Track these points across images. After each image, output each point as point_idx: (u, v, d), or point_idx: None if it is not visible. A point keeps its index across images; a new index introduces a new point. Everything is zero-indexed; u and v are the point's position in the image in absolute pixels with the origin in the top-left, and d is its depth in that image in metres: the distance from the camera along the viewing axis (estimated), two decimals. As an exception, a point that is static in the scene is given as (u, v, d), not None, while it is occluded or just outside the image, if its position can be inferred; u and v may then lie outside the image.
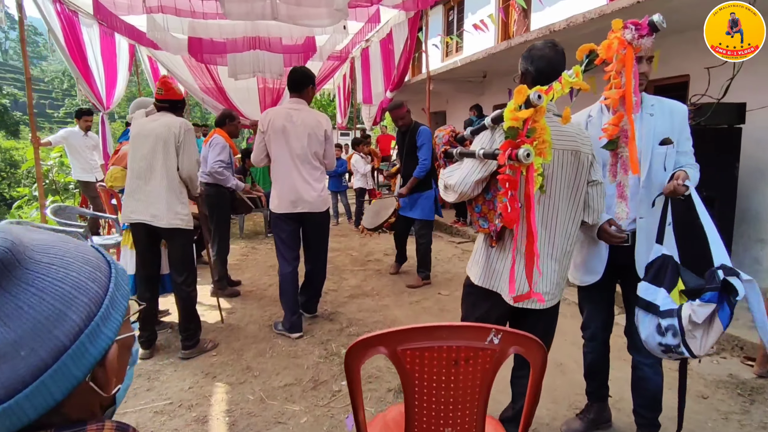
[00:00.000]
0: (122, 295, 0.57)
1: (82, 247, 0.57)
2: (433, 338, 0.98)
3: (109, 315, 0.53)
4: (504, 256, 1.63)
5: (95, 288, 0.53)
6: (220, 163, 3.81)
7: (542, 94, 1.34)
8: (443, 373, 0.99)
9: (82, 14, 5.46)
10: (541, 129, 1.36)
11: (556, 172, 1.57)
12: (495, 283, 1.65)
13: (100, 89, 5.92)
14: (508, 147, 1.36)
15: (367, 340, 0.99)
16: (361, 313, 3.62)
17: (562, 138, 1.57)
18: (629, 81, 1.39)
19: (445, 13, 10.14)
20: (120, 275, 0.59)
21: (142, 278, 2.89)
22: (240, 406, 2.36)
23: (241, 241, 6.41)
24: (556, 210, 1.60)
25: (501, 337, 0.98)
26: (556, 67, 1.58)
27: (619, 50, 1.39)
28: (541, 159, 1.37)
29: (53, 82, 35.63)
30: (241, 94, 8.38)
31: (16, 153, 17.71)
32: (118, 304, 0.55)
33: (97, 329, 0.51)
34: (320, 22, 4.99)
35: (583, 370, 2.31)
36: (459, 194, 1.62)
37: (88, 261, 0.55)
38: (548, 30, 4.33)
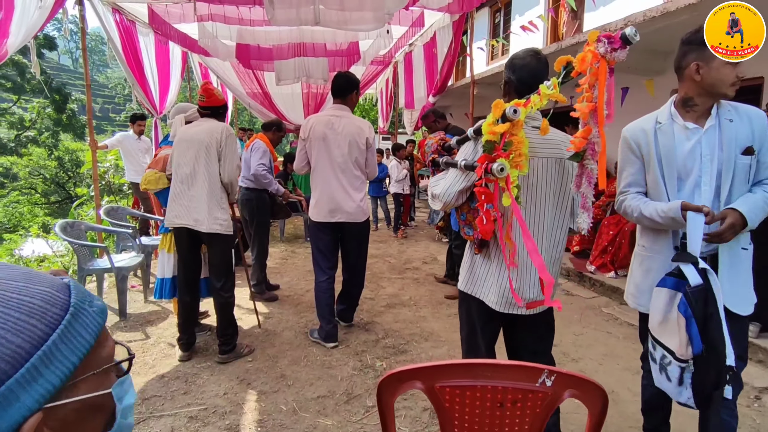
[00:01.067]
0: (74, 348, 0.44)
1: (31, 288, 0.44)
2: (475, 376, 0.87)
3: (35, 377, 0.41)
4: (487, 263, 1.68)
5: (18, 342, 0.41)
6: (263, 166, 3.84)
7: (518, 108, 1.36)
8: (487, 416, 0.88)
9: (139, 24, 5.73)
10: (518, 142, 1.40)
11: (541, 180, 1.60)
12: (477, 289, 1.71)
13: (154, 95, 6.20)
14: (484, 161, 1.41)
15: (402, 374, 0.89)
16: (397, 324, 3.52)
17: (546, 147, 1.59)
18: (601, 94, 1.38)
19: (491, 15, 9.89)
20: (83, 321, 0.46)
21: (182, 282, 2.94)
22: (272, 417, 2.33)
23: (281, 245, 6.50)
24: (542, 218, 1.63)
25: (554, 378, 0.86)
26: (538, 76, 1.58)
27: (593, 63, 1.38)
28: (517, 171, 1.41)
29: (116, 88, 38.22)
30: (285, 99, 8.55)
31: (81, 154, 19.11)
32: (59, 361, 0.43)
33: (10, 396, 0.39)
34: (364, 27, 4.97)
35: (640, 402, 2.11)
36: (444, 203, 1.67)
37: (23, 306, 0.42)
38: (603, 30, 4.07)
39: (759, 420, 2.28)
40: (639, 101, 5.16)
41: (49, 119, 21.57)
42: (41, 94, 20.49)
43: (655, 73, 4.82)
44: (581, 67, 1.40)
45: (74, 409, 0.45)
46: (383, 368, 2.82)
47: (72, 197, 17.69)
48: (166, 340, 3.25)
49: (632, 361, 2.91)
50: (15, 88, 20.13)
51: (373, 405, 2.41)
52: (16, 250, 9.84)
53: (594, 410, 0.89)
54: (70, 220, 3.87)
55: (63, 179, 20.39)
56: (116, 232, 4.43)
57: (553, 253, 1.70)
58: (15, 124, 21.29)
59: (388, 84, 9.87)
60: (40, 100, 21.03)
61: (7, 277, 0.45)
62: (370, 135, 3.08)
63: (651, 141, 1.69)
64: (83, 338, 0.46)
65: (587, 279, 4.46)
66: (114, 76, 41.34)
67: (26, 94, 21.04)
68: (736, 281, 1.57)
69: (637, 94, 5.14)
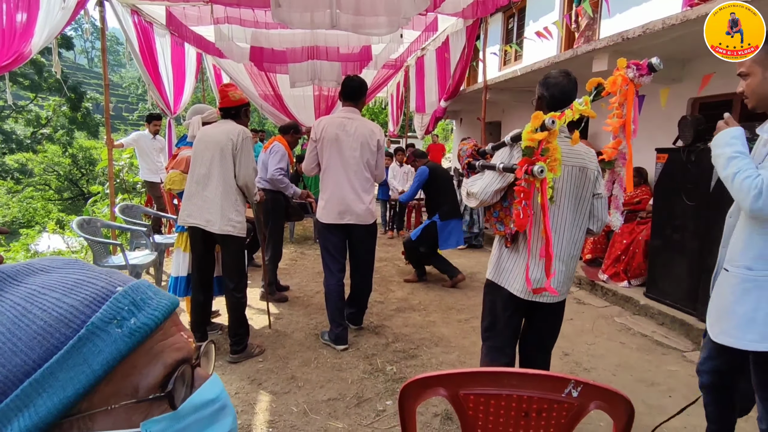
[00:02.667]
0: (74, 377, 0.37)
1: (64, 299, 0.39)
2: (501, 385, 0.86)
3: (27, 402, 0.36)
4: (515, 257, 1.90)
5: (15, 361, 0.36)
6: (280, 170, 3.86)
7: (555, 119, 1.56)
8: (511, 425, 0.87)
9: (157, 25, 5.81)
10: (553, 149, 1.59)
11: (565, 185, 1.83)
12: (503, 279, 1.93)
13: (169, 95, 6.27)
14: (524, 163, 1.61)
15: (426, 380, 0.89)
16: (407, 328, 3.51)
17: (572, 156, 1.82)
18: (629, 112, 1.61)
19: (504, 21, 9.88)
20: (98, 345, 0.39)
21: (196, 281, 2.96)
22: (284, 418, 2.33)
23: (291, 246, 6.52)
24: (564, 218, 1.85)
25: (581, 390, 0.85)
26: (568, 94, 1.82)
27: (623, 86, 1.60)
28: (552, 174, 1.60)
29: (130, 88, 38.73)
30: (297, 101, 8.61)
31: (95, 152, 19.38)
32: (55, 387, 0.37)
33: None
34: (379, 31, 4.99)
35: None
36: (480, 201, 1.89)
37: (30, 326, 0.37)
38: (620, 37, 4.04)
39: None
40: (655, 109, 5.12)
41: (64, 117, 21.93)
42: (57, 93, 20.84)
43: (672, 81, 4.78)
44: (612, 88, 1.62)
45: None
46: (393, 372, 2.81)
47: (85, 194, 17.96)
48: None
49: (645, 373, 2.87)
50: (32, 86, 20.49)
51: (384, 409, 2.41)
52: (32, 245, 9.99)
53: (620, 423, 0.88)
54: (87, 217, 3.93)
55: (76, 176, 20.68)
56: (131, 230, 4.48)
57: (572, 250, 1.90)
58: (31, 121, 21.67)
59: (399, 88, 9.89)
60: (56, 98, 21.39)
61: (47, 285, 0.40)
62: (381, 137, 3.12)
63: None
64: (88, 367, 0.38)
65: (599, 288, 4.42)
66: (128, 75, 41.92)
67: (43, 92, 21.40)
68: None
69: (653, 101, 5.09)
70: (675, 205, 3.67)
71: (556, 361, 3.02)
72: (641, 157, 5.14)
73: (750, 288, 1.46)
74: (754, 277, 1.45)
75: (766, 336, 1.43)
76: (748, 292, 1.46)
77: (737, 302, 1.48)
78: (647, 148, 4.79)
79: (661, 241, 3.87)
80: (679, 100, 4.84)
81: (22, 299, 0.39)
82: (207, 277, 2.98)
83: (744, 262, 1.48)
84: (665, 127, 4.84)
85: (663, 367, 2.95)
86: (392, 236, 7.30)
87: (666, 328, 3.60)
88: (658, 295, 3.84)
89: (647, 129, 5.29)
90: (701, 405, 2.41)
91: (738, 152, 1.48)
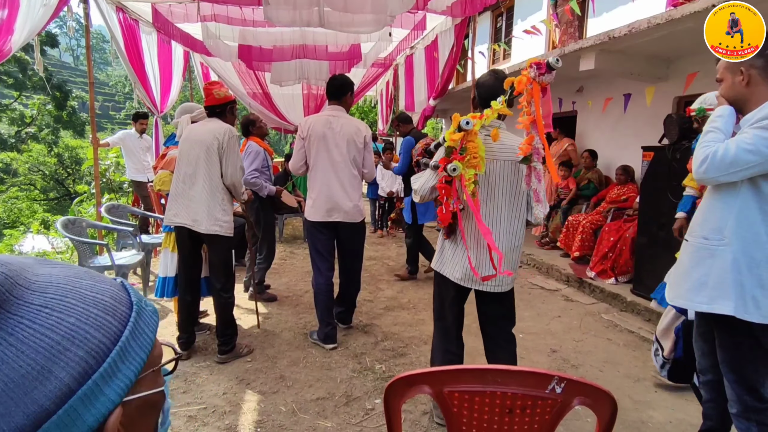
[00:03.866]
0: (141, 344, 0.46)
1: (99, 285, 0.46)
2: (485, 382, 0.86)
3: (115, 372, 0.43)
4: (453, 247, 2.05)
5: (99, 337, 0.42)
6: (253, 173, 3.80)
7: (471, 120, 1.72)
8: (495, 422, 0.87)
9: (142, 22, 5.73)
10: (473, 147, 1.72)
11: (498, 179, 1.94)
12: (444, 268, 2.09)
13: (155, 93, 6.19)
14: (443, 162, 1.77)
15: (410, 378, 0.89)
16: (396, 327, 3.51)
17: (503, 151, 1.93)
18: (537, 109, 1.74)
19: (493, 20, 9.91)
20: (145, 319, 0.48)
21: (183, 281, 2.93)
22: (272, 418, 2.31)
23: (280, 245, 6.48)
24: (501, 211, 1.97)
25: (564, 386, 0.85)
26: (495, 92, 1.92)
27: (527, 85, 1.74)
28: (473, 170, 1.74)
29: (117, 86, 38.16)
30: (286, 99, 8.56)
31: (81, 152, 19.07)
32: (132, 357, 0.45)
33: (96, 390, 0.41)
34: (367, 29, 4.97)
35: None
36: (420, 196, 2.05)
37: (99, 303, 0.44)
38: (607, 36, 4.08)
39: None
40: (641, 107, 5.18)
41: (49, 116, 21.51)
42: (42, 91, 20.45)
43: (658, 79, 4.83)
44: (519, 88, 1.77)
45: (138, 406, 0.46)
46: (382, 371, 2.81)
47: (71, 194, 17.64)
48: (164, 339, 3.24)
49: (632, 369, 2.90)
50: (16, 84, 20.08)
51: (372, 408, 2.40)
52: (16, 246, 9.80)
53: (603, 418, 0.89)
54: (72, 217, 3.86)
55: (62, 176, 20.33)
56: (117, 230, 4.41)
57: (512, 241, 2.02)
58: (16, 120, 21.22)
59: (389, 86, 9.88)
60: (41, 97, 20.98)
61: (77, 275, 0.46)
62: (368, 134, 3.12)
63: None
64: (147, 336, 0.47)
65: (587, 285, 4.46)
66: (115, 74, 41.30)
67: (27, 90, 20.98)
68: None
69: (640, 100, 5.15)
70: (661, 203, 3.72)
71: (544, 358, 3.04)
72: (628, 155, 5.21)
73: (704, 256, 1.59)
74: (707, 246, 1.58)
75: (713, 299, 1.55)
76: (702, 260, 1.59)
77: (693, 268, 1.61)
78: (634, 146, 4.85)
79: (647, 238, 3.92)
80: (664, 99, 4.90)
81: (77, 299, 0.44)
82: (194, 277, 2.95)
83: (702, 233, 1.62)
84: (651, 126, 4.90)
85: (650, 363, 2.98)
86: (382, 235, 7.30)
87: (652, 324, 3.64)
88: (645, 292, 3.88)
89: (633, 127, 5.36)
90: (690, 400, 2.46)
91: (714, 128, 1.59)
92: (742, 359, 1.58)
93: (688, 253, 1.65)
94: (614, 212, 4.82)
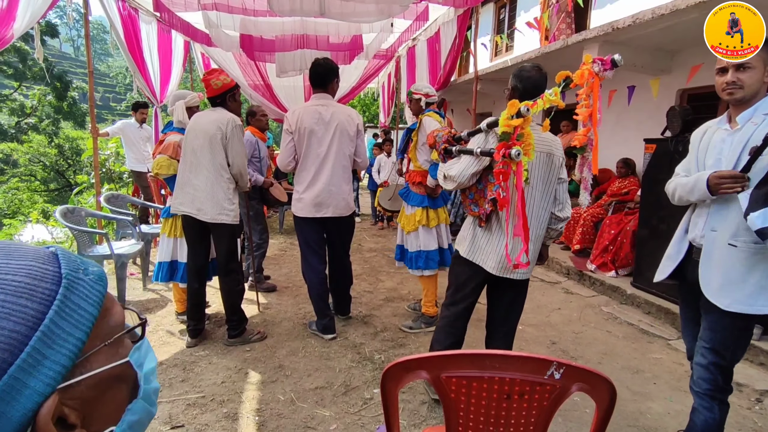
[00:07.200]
0: (76, 322, 0.40)
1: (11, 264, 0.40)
2: (483, 367, 0.85)
3: (39, 360, 0.37)
4: (488, 236, 2.04)
5: (10, 326, 0.37)
6: None
7: (529, 107, 1.70)
8: (493, 407, 0.86)
9: (142, 11, 5.68)
10: (527, 135, 1.74)
11: (534, 169, 1.98)
12: (478, 257, 2.07)
13: (155, 83, 6.15)
14: (502, 147, 1.74)
15: (407, 363, 0.88)
16: (395, 318, 3.51)
17: (540, 143, 1.96)
18: (596, 102, 1.78)
19: (495, 12, 9.83)
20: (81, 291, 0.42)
21: (191, 268, 2.93)
22: (270, 406, 2.32)
23: (280, 236, 6.48)
24: (532, 200, 2.00)
25: (563, 372, 0.84)
26: (539, 86, 1.97)
27: (589, 79, 1.76)
28: (526, 158, 1.74)
29: (117, 77, 38.01)
30: (287, 91, 8.50)
31: (82, 143, 19.02)
32: (62, 339, 0.39)
33: (16, 384, 0.36)
34: (367, 18, 4.92)
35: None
36: (458, 183, 2.02)
37: (7, 286, 0.38)
38: (610, 27, 4.03)
39: (761, 423, 2.27)
40: (645, 100, 5.13)
41: (49, 106, 21.43)
42: (42, 81, 20.36)
43: (662, 71, 4.79)
44: (579, 81, 1.77)
45: (92, 385, 0.42)
46: (381, 361, 2.81)
47: (71, 185, 17.62)
48: (164, 328, 3.24)
49: (631, 360, 2.90)
50: (16, 74, 19.97)
51: (371, 397, 2.41)
52: (16, 236, 9.81)
53: (602, 404, 0.88)
54: (71, 206, 3.85)
55: (63, 167, 20.29)
56: (116, 219, 4.41)
57: (538, 230, 2.06)
58: (16, 110, 21.14)
59: (390, 78, 9.81)
60: (41, 87, 20.89)
61: (19, 260, 0.41)
62: (360, 122, 3.00)
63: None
64: (84, 311, 0.42)
65: (587, 278, 4.45)
66: (115, 65, 41.15)
67: (27, 80, 20.88)
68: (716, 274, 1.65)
69: (643, 92, 5.11)
70: (662, 196, 3.66)
71: (543, 349, 3.04)
72: (630, 147, 5.18)
73: (759, 260, 1.56)
74: (761, 249, 1.56)
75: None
76: (757, 264, 1.57)
77: (749, 273, 1.58)
78: (636, 139, 4.82)
79: (648, 231, 3.90)
80: (667, 91, 4.86)
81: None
82: (202, 264, 2.95)
83: (752, 237, 1.57)
84: (654, 118, 4.86)
85: (648, 355, 2.98)
86: (382, 227, 7.29)
87: (652, 317, 3.64)
88: (645, 285, 3.88)
89: (636, 120, 5.32)
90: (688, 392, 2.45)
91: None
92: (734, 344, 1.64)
93: (739, 258, 1.59)
94: (615, 205, 4.80)
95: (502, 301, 2.19)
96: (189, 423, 2.17)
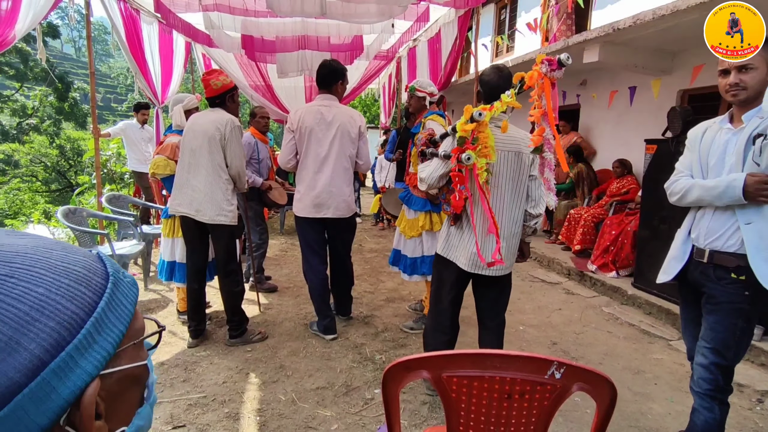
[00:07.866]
0: (119, 316, 0.45)
1: (71, 256, 0.44)
2: (484, 367, 0.86)
3: (91, 343, 0.41)
4: (460, 234, 2.10)
5: (72, 308, 0.40)
6: None
7: (483, 111, 1.79)
8: (494, 407, 0.87)
9: (144, 12, 5.69)
10: (484, 137, 1.80)
11: (503, 169, 2.01)
12: (451, 254, 2.14)
13: (156, 84, 6.16)
14: (457, 151, 1.83)
15: (408, 363, 0.88)
16: (396, 318, 3.51)
17: (507, 142, 2.00)
18: (548, 102, 1.82)
19: (496, 12, 9.83)
20: (122, 290, 0.47)
21: (190, 269, 2.94)
22: (271, 406, 2.32)
23: (281, 237, 6.49)
24: (504, 199, 2.04)
25: (564, 371, 0.85)
26: (498, 88, 1.99)
27: (538, 80, 1.81)
28: (485, 159, 1.81)
29: (119, 78, 38.06)
30: (288, 92, 8.50)
31: (83, 143, 19.04)
32: (109, 328, 0.43)
33: (70, 362, 0.39)
34: (368, 19, 4.93)
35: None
36: (428, 185, 2.09)
37: (70, 273, 0.42)
38: (611, 28, 4.03)
39: (761, 423, 2.27)
40: (646, 100, 5.14)
41: (51, 107, 21.47)
42: (44, 82, 20.40)
43: (663, 72, 4.79)
44: (530, 82, 1.82)
45: (118, 380, 0.45)
46: (382, 361, 2.81)
47: (73, 186, 17.65)
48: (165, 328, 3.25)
49: (632, 361, 2.90)
50: (18, 75, 20.01)
51: (372, 397, 2.41)
52: (16, 237, 9.80)
53: (603, 404, 0.88)
54: (72, 207, 3.86)
55: (64, 168, 20.32)
56: (118, 220, 4.42)
57: (512, 228, 2.09)
58: (17, 111, 21.18)
59: (391, 79, 9.81)
60: (42, 88, 20.93)
61: (47, 245, 0.44)
62: (362, 123, 2.99)
63: None
64: (125, 307, 0.46)
65: (588, 278, 4.45)
66: (117, 66, 41.18)
67: (29, 81, 20.91)
68: None
69: (644, 93, 5.11)
70: (663, 196, 3.65)
71: (544, 350, 3.04)
72: (631, 148, 5.17)
73: None
74: None
75: None
76: None
77: None
78: (637, 139, 4.82)
79: (649, 231, 3.90)
80: (668, 92, 4.85)
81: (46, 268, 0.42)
82: (201, 265, 2.96)
83: None
84: (655, 119, 4.86)
85: (649, 356, 2.98)
86: (383, 228, 7.30)
87: (653, 317, 3.64)
88: (646, 285, 3.88)
89: (637, 120, 5.32)
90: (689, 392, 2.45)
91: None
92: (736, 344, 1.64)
93: None
94: (616, 206, 4.80)
95: (487, 297, 2.24)
96: (191, 423, 2.18)
